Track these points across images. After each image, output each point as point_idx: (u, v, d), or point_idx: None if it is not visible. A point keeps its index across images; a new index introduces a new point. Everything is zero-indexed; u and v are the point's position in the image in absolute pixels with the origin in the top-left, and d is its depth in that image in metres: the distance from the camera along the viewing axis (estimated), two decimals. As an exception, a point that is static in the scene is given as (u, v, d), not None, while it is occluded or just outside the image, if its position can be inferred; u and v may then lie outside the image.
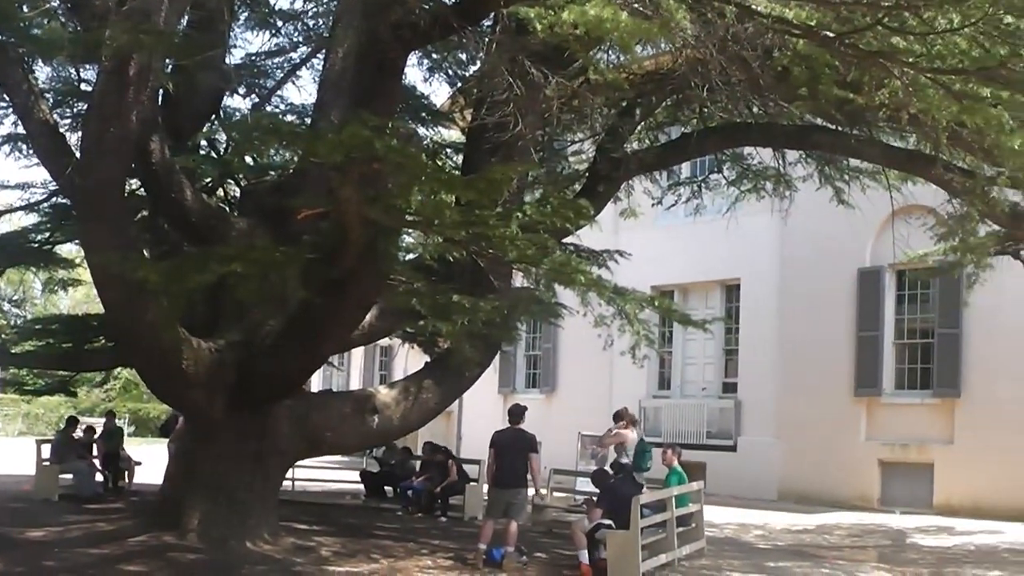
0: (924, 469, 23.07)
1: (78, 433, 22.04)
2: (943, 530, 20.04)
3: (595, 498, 15.42)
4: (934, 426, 23.14)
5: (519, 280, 17.26)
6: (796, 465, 24.89)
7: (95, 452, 21.90)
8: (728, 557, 16.10)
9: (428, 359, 17.79)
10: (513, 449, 14.47)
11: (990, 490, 21.68)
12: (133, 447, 25.57)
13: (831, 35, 10.66)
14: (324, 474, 23.84)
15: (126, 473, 22.16)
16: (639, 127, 17.87)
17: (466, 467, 20.49)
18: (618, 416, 17.30)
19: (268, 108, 18.87)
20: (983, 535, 19.17)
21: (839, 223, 21.19)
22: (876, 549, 17.96)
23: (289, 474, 18.52)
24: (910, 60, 10.67)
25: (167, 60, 13.58)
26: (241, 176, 17.03)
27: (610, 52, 15.36)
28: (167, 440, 19.48)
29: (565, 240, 16.94)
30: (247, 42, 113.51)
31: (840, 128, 15.45)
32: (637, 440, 16.64)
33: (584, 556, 13.85)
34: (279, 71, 19.56)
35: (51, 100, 16.39)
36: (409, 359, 28.20)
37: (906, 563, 16.23)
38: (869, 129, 15.63)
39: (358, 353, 37.42)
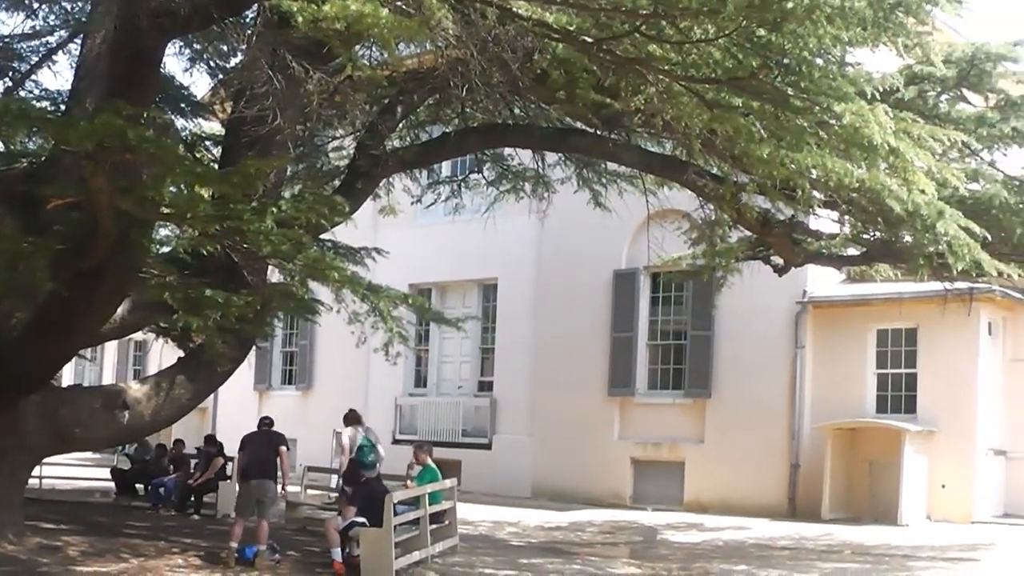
0: (675, 467, 23.65)
1: None
2: (693, 526, 20.54)
3: (348, 495, 15.28)
4: (685, 425, 23.75)
5: (274, 275, 16.91)
6: (550, 463, 25.14)
7: None
8: (481, 554, 16.15)
9: (182, 354, 17.28)
10: (262, 444, 14.58)
11: (738, 487, 22.37)
12: None
13: (590, 40, 10.74)
14: (73, 471, 22.96)
15: None
16: (400, 125, 17.69)
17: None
18: (345, 418, 17.39)
19: (22, 93, 17.96)
20: (731, 531, 19.73)
21: (596, 225, 21.50)
22: (628, 545, 18.30)
23: (36, 471, 17.89)
24: (665, 68, 10.85)
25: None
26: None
27: (372, 49, 15.15)
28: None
29: (323, 236, 16.69)
30: (1, 23, 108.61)
31: (598, 132, 15.63)
32: (361, 438, 16.65)
33: (337, 554, 13.77)
34: (34, 55, 18.62)
35: None
36: (163, 354, 27.32)
37: (656, 559, 16.55)
38: (627, 134, 15.84)
39: (111, 347, 36.04)
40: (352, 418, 17.38)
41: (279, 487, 14.70)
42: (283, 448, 14.55)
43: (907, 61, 14.48)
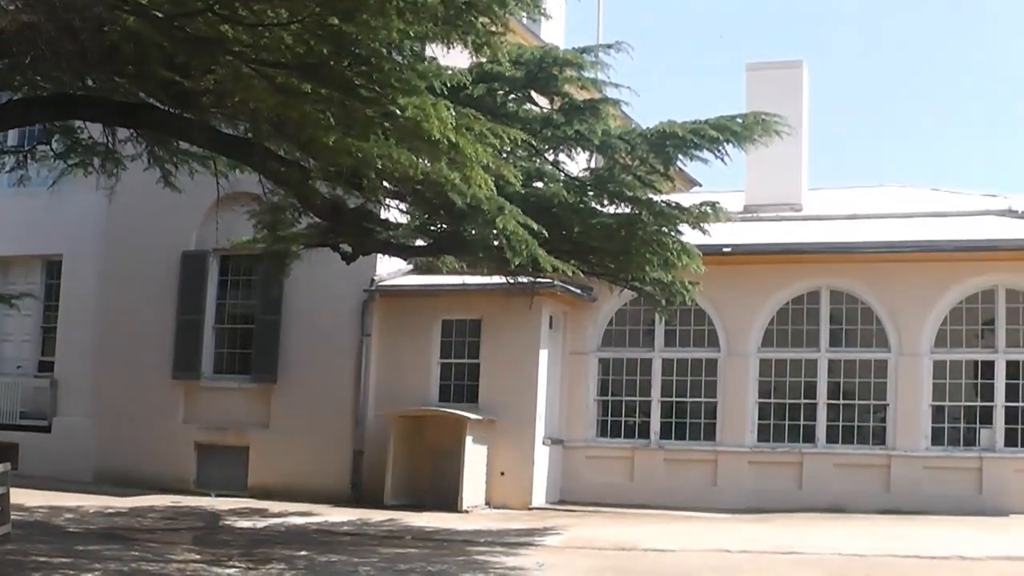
0: (240, 452, 23.59)
1: None
2: (256, 512, 20.53)
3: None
4: (251, 410, 23.73)
5: None
6: (114, 447, 24.42)
7: None
8: (36, 542, 15.48)
9: None
10: None
11: (303, 473, 22.58)
12: None
13: (162, 16, 10.52)
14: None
15: None
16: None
17: None
18: None
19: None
20: (295, 516, 19.85)
21: (166, 205, 20.94)
22: (190, 531, 18.07)
23: None
24: (237, 49, 10.79)
25: None
26: None
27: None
28: None
29: None
30: None
31: (170, 109, 15.29)
32: None
33: None
34: None
35: None
36: None
37: (218, 545, 16.48)
38: (199, 113, 15.58)
39: None
40: None
41: None
42: None
43: (479, 60, 14.99)
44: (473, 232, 14.95)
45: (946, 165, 72.72)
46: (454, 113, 11.28)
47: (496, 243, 14.30)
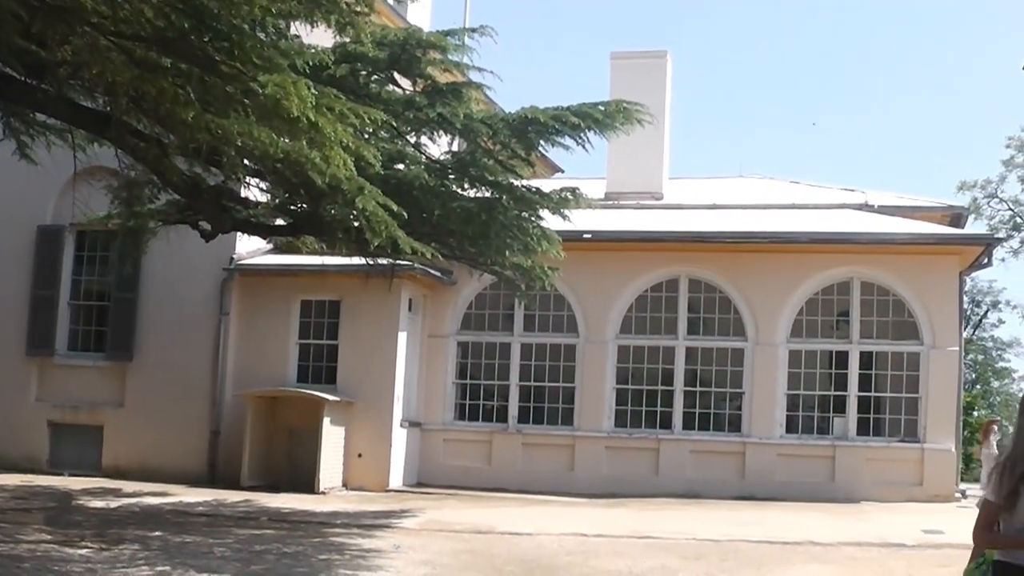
0: (94, 431, 23.24)
1: None
2: (110, 492, 20.24)
3: None
4: (106, 389, 23.38)
5: None
6: (-39, 426, 23.83)
7: None
8: None
9: None
10: None
11: (159, 453, 22.39)
12: None
13: (17, -18, 10.33)
14: None
15: None
16: None
17: None
18: None
19: None
20: (150, 497, 19.65)
21: (21, 179, 20.47)
22: (42, 511, 17.72)
23: None
24: (95, 20, 10.62)
25: None
26: None
27: None
28: None
29: None
30: None
31: (26, 80, 14.95)
32: None
33: None
34: None
35: None
36: None
37: (71, 525, 16.20)
38: (58, 85, 15.28)
39: None
40: None
41: None
42: None
43: (342, 39, 14.93)
44: (332, 212, 14.92)
45: (805, 159, 74.65)
46: (315, 92, 11.27)
47: (356, 224, 14.31)
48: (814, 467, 21.82)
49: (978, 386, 58.51)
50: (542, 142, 16.44)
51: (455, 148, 16.95)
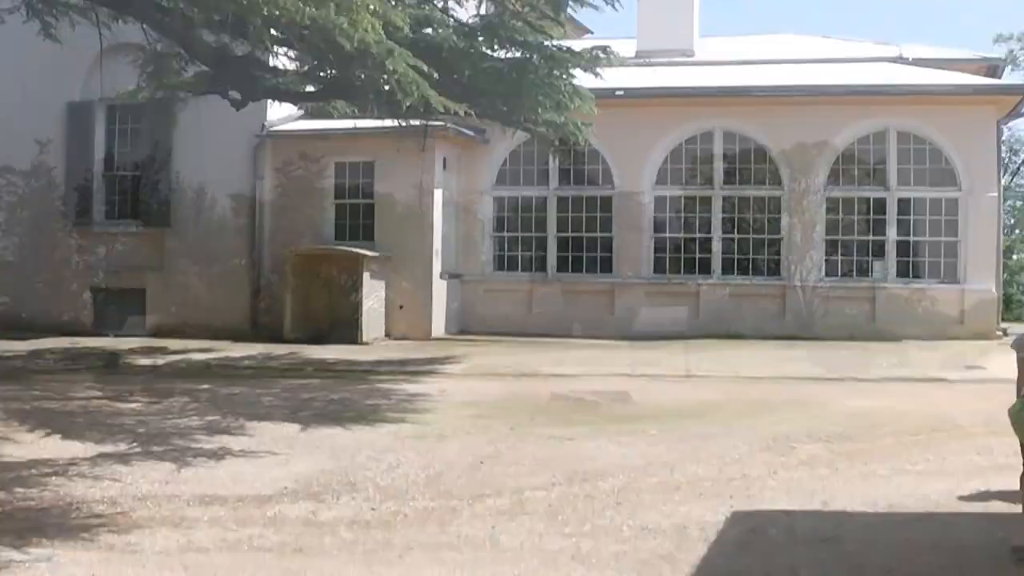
0: (136, 294, 23.59)
1: None
2: (156, 350, 20.28)
3: None
4: (145, 254, 23.68)
5: None
6: (8, 294, 24.30)
7: None
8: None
9: None
10: None
11: (199, 312, 22.91)
12: None
13: None
14: None
15: None
16: None
17: None
18: None
19: None
20: (196, 353, 19.78)
21: (48, 58, 20.33)
22: (91, 371, 17.82)
23: None
24: None
25: None
26: None
27: None
28: None
29: None
30: None
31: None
32: None
33: None
34: None
35: None
36: None
37: (120, 382, 16.29)
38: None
39: None
40: None
41: None
42: None
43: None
44: (362, 76, 14.72)
45: (839, 18, 72.85)
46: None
47: (386, 87, 14.16)
48: (855, 308, 21.95)
49: (1017, 231, 57.91)
50: (571, 1, 16.17)
51: (483, 12, 16.68)
